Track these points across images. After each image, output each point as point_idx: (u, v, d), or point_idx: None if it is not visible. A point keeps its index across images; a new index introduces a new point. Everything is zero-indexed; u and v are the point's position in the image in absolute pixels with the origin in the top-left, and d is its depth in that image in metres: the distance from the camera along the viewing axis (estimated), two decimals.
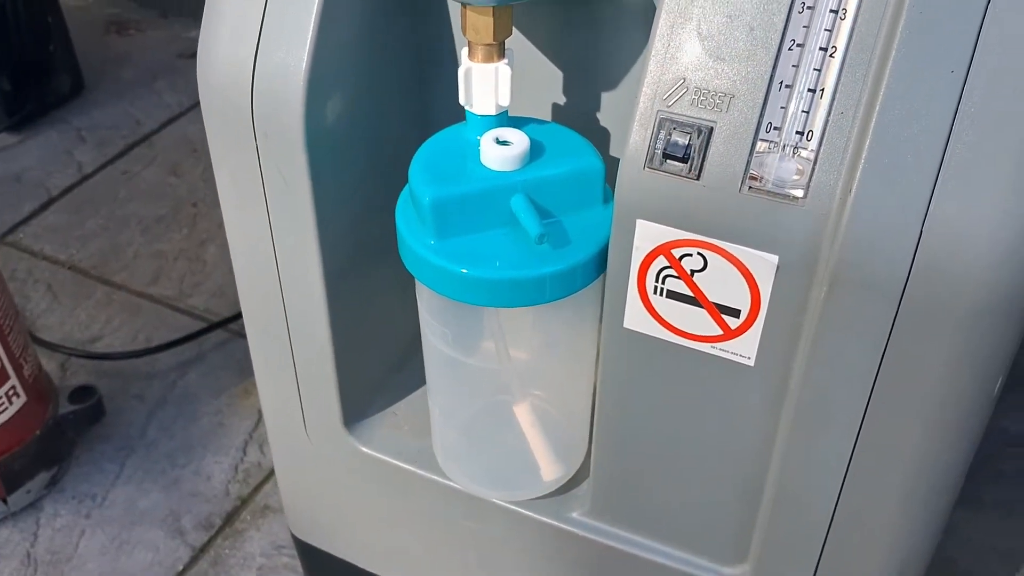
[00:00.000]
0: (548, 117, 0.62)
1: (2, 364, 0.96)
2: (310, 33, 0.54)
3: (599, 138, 0.60)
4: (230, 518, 1.04)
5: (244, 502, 1.05)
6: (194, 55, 1.82)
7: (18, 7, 1.52)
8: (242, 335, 1.25)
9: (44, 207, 1.45)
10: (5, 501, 1.01)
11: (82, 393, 1.08)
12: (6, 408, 0.98)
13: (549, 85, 0.60)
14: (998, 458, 1.08)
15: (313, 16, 0.53)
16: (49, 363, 1.17)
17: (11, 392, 0.98)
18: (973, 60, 0.43)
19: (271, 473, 1.08)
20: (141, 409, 1.15)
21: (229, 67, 0.56)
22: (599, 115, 0.61)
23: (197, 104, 1.80)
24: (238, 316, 1.24)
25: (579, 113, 0.60)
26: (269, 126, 0.56)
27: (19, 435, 1.00)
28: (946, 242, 0.44)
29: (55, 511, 1.05)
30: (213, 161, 0.61)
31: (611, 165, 0.55)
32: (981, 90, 0.43)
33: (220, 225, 1.40)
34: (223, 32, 0.56)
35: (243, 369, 1.19)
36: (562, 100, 0.61)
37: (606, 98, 0.60)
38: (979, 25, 0.42)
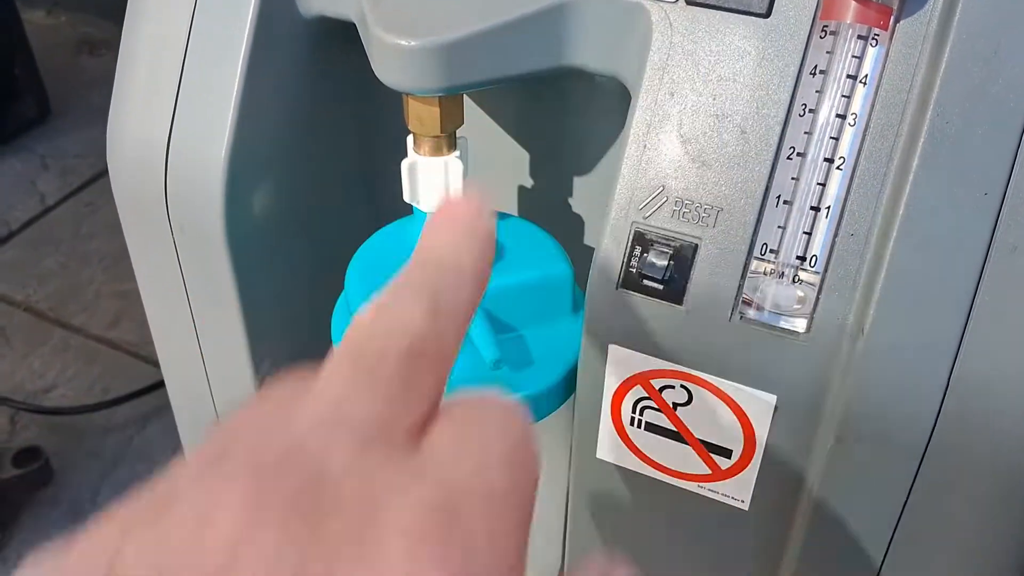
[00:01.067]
0: (513, 202, 0.54)
1: None
2: (230, 117, 0.46)
3: (570, 226, 0.53)
4: None
5: None
6: None
7: None
8: None
9: (2, 242, 1.38)
10: None
11: (27, 455, 1.01)
12: None
13: (514, 167, 0.53)
14: None
15: (233, 97, 0.46)
16: None
17: None
18: (1011, 179, 0.35)
19: None
20: (95, 467, 1.08)
21: (139, 152, 0.48)
22: (571, 200, 0.53)
23: None
24: None
25: (548, 198, 0.53)
26: (185, 221, 0.48)
27: None
28: (977, 391, 0.36)
29: None
30: (131, 251, 0.53)
31: (584, 255, 0.47)
32: (1020, 215, 0.35)
33: None
34: (133, 110, 0.49)
35: None
36: (529, 183, 0.53)
37: (579, 182, 0.52)
38: (1018, 138, 0.35)
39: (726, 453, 0.43)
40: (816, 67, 0.37)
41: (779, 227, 0.38)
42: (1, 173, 1.50)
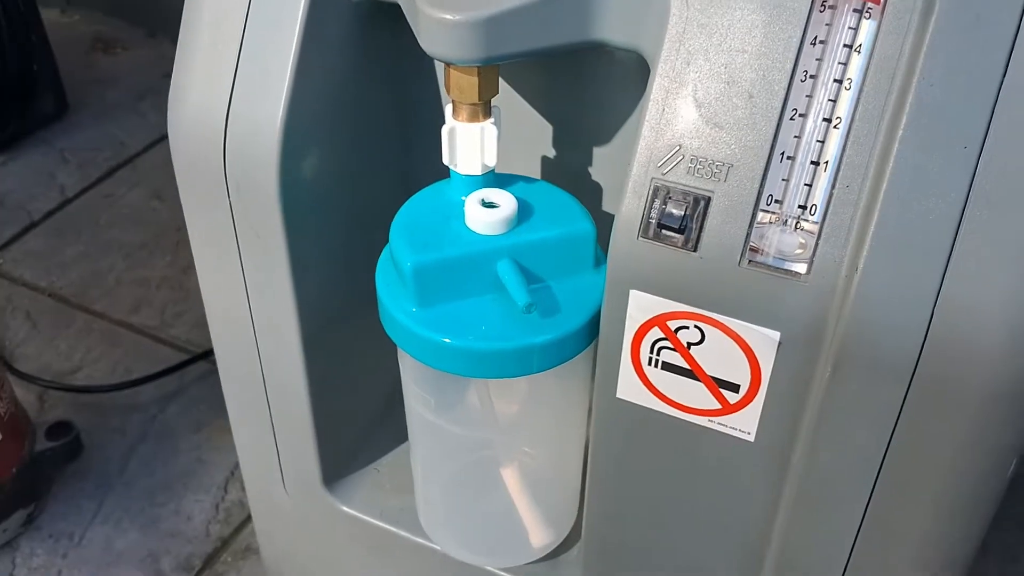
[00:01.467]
0: (537, 172, 0.59)
1: None
2: (286, 84, 0.51)
3: (591, 194, 0.58)
4: (210, 560, 1.01)
5: (225, 543, 1.02)
6: None
7: (1, 29, 1.49)
8: None
9: (25, 231, 1.42)
10: None
11: (60, 429, 1.05)
12: None
13: (538, 139, 0.58)
14: (1001, 503, 1.06)
15: (289, 68, 0.51)
16: (27, 395, 1.14)
17: None
18: (987, 136, 0.40)
19: None
20: (120, 444, 1.12)
21: (200, 117, 0.53)
22: (591, 170, 0.58)
23: None
24: None
25: (569, 168, 0.58)
26: (242, 181, 0.53)
27: None
28: (958, 324, 0.41)
29: (31, 550, 1.02)
30: (186, 214, 0.58)
31: (604, 221, 0.52)
32: (996, 167, 0.40)
33: None
34: (194, 82, 0.53)
35: (224, 403, 1.16)
36: (552, 154, 0.58)
37: (598, 153, 0.57)
38: (994, 99, 0.40)
39: (734, 388, 0.48)
40: (816, 37, 0.42)
41: (783, 180, 0.43)
42: (22, 166, 1.54)
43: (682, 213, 0.45)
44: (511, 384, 0.55)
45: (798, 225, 0.44)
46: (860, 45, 0.42)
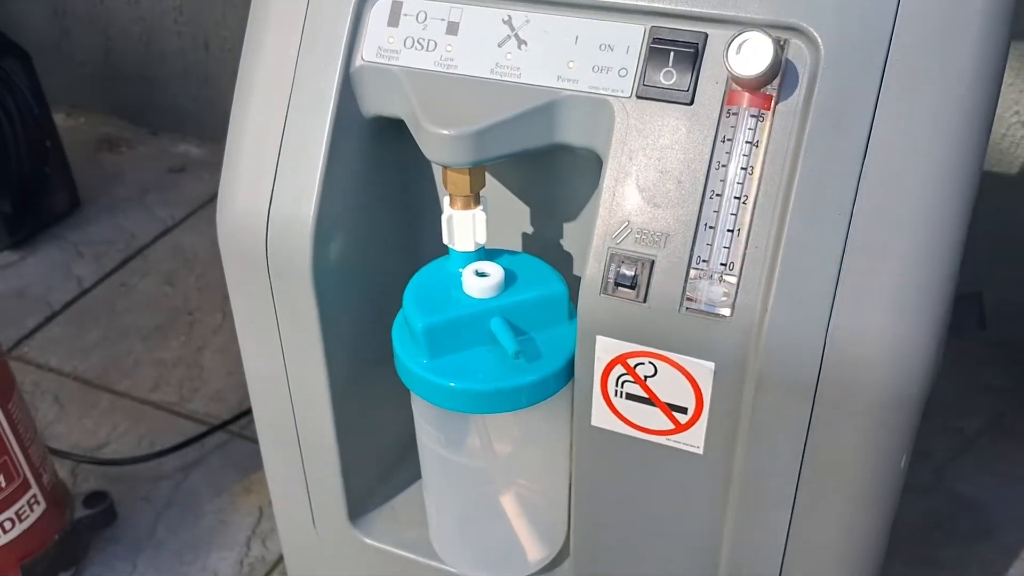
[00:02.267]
0: (519, 245, 0.72)
1: (25, 475, 1.04)
2: (316, 188, 0.64)
3: (563, 261, 0.71)
4: None
5: None
6: (183, 169, 1.91)
7: (16, 131, 1.62)
8: (241, 436, 1.33)
9: (47, 321, 1.54)
10: None
11: (95, 498, 1.15)
12: (28, 515, 1.05)
13: (519, 219, 0.71)
14: (954, 520, 1.17)
15: (319, 174, 0.64)
16: (60, 470, 1.24)
17: (32, 500, 1.05)
18: (855, 205, 0.53)
19: (275, 566, 1.15)
20: (149, 510, 1.22)
21: (246, 217, 0.66)
22: (562, 242, 0.71)
23: (188, 217, 1.89)
24: (238, 417, 1.32)
25: (545, 241, 0.71)
26: (281, 267, 0.66)
27: (40, 540, 1.07)
28: (845, 349, 0.54)
29: None
30: (230, 293, 0.70)
31: (574, 283, 0.65)
32: (862, 228, 0.53)
33: (215, 331, 1.50)
34: (241, 187, 0.66)
35: (244, 468, 1.27)
36: (530, 231, 0.71)
37: (567, 228, 0.70)
38: (858, 176, 0.53)
39: (684, 410, 0.60)
40: (725, 136, 0.56)
41: (708, 244, 0.56)
42: (40, 261, 1.66)
43: (633, 273, 0.57)
44: (505, 420, 0.67)
45: (722, 279, 0.57)
46: (758, 140, 0.55)
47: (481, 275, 0.63)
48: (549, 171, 0.68)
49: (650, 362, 0.59)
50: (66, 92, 1.97)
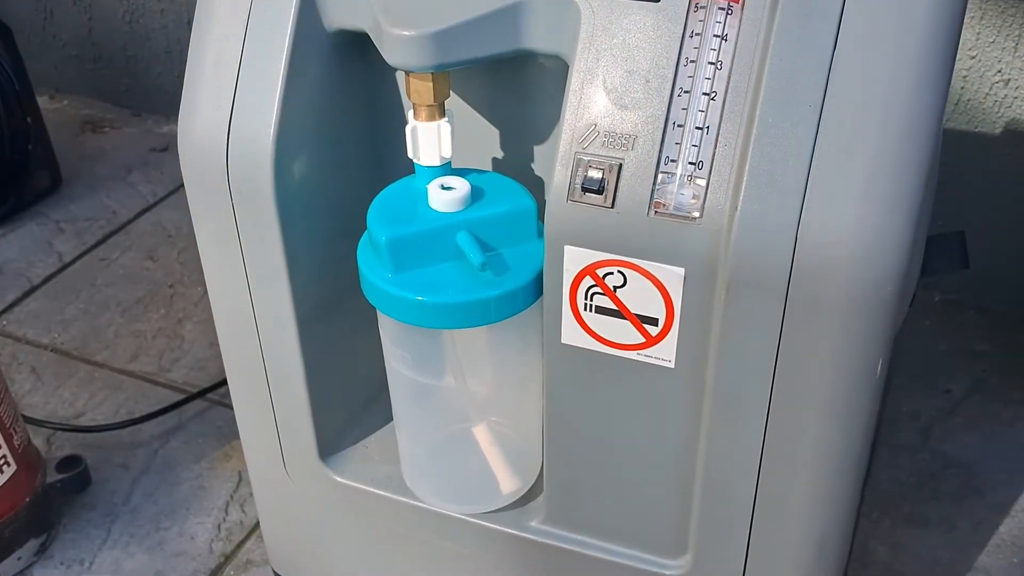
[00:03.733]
0: (487, 168, 0.70)
1: None
2: (276, 103, 0.62)
3: (532, 183, 0.69)
4: (214, 574, 1.09)
5: (227, 558, 1.10)
6: (166, 149, 1.89)
7: None
8: (222, 404, 1.31)
9: (26, 295, 1.52)
10: None
11: (68, 463, 1.13)
12: None
13: (486, 141, 0.69)
14: (940, 479, 1.16)
15: (279, 89, 0.62)
16: (35, 438, 1.22)
17: (1, 461, 1.03)
18: (825, 98, 0.52)
19: (252, 530, 1.13)
20: (125, 477, 1.20)
21: (206, 135, 0.64)
22: (532, 164, 0.69)
23: (171, 194, 1.88)
24: (218, 385, 1.30)
25: (513, 163, 0.69)
26: (243, 186, 0.64)
27: (10, 503, 1.05)
28: (817, 246, 0.53)
29: None
30: (194, 220, 0.69)
31: (543, 206, 0.63)
32: (833, 122, 0.52)
33: (196, 304, 1.48)
34: (200, 104, 0.65)
35: (223, 435, 1.25)
36: (499, 154, 0.70)
37: (536, 150, 0.69)
38: (828, 69, 0.52)
39: (654, 322, 0.59)
40: (693, 31, 0.54)
41: (676, 144, 0.55)
42: (20, 237, 1.64)
43: (600, 177, 0.56)
44: (474, 343, 0.66)
45: (691, 180, 0.55)
46: (727, 34, 0.54)
47: (447, 188, 0.62)
48: (515, 88, 0.66)
49: (619, 271, 0.57)
50: (49, 74, 1.96)
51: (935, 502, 1.12)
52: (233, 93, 0.63)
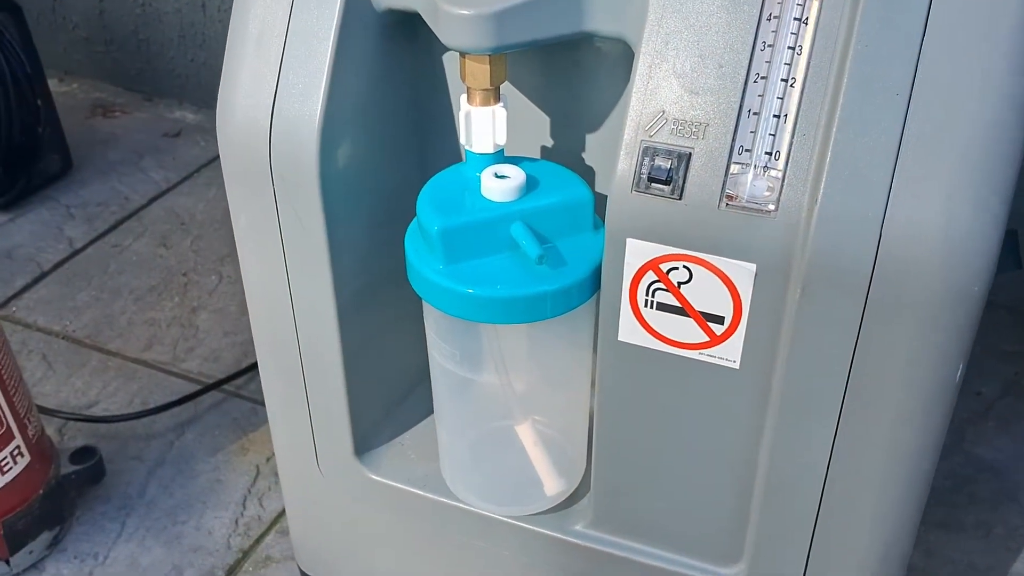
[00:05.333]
0: (538, 156, 0.68)
1: (7, 424, 0.99)
2: (323, 86, 0.59)
3: (585, 175, 0.66)
4: (232, 570, 1.06)
5: (246, 554, 1.08)
6: (178, 134, 1.86)
7: (8, 92, 1.58)
8: (238, 395, 1.28)
9: (36, 281, 1.49)
10: (7, 562, 1.03)
11: (83, 454, 1.10)
12: (10, 468, 1.00)
13: (539, 129, 0.66)
14: (974, 483, 1.13)
15: (326, 70, 0.59)
16: (47, 428, 1.19)
17: (16, 452, 1.00)
18: (914, 85, 0.49)
19: (271, 525, 1.10)
20: (140, 469, 1.17)
21: (248, 116, 0.61)
22: (584, 155, 0.66)
23: (184, 180, 1.85)
24: (235, 376, 1.27)
25: (567, 153, 0.66)
26: (286, 170, 0.61)
27: (23, 495, 1.02)
28: (902, 242, 0.50)
29: (57, 571, 1.06)
30: (231, 205, 0.66)
31: (597, 199, 0.61)
32: (922, 110, 0.49)
33: (211, 293, 1.45)
34: (242, 84, 0.62)
35: (240, 427, 1.22)
36: (550, 143, 0.67)
37: (589, 139, 0.66)
38: (917, 55, 0.49)
39: (719, 320, 0.56)
40: (771, 14, 0.52)
41: (751, 132, 0.52)
42: (30, 222, 1.61)
43: (668, 166, 0.53)
44: (521, 340, 0.63)
45: (766, 171, 0.52)
46: (807, 18, 0.51)
47: (501, 177, 0.59)
48: (571, 75, 0.63)
49: (684, 266, 0.55)
50: (59, 57, 1.93)
51: (970, 506, 1.10)
52: (277, 74, 0.61)
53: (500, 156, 0.60)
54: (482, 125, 0.58)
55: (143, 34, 1.85)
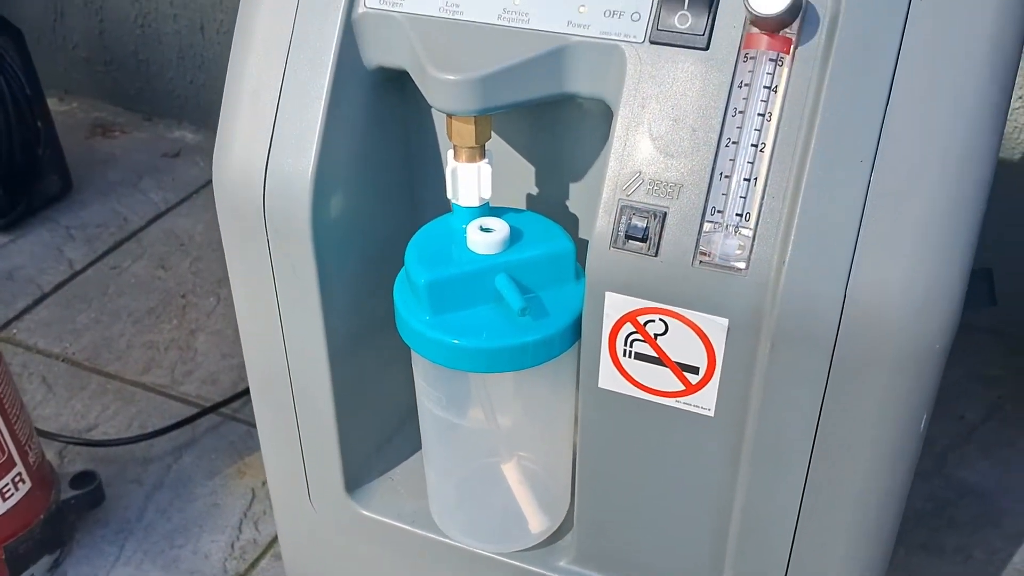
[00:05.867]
0: (523, 207, 0.70)
1: (9, 452, 1.01)
2: (316, 141, 0.62)
3: (568, 223, 0.69)
4: None
5: None
6: (178, 154, 1.89)
7: (9, 114, 1.60)
8: (235, 418, 1.30)
9: (36, 303, 1.51)
10: None
11: (83, 479, 1.12)
12: (12, 494, 1.02)
13: (523, 179, 0.69)
14: (955, 506, 1.16)
15: (318, 126, 0.62)
16: (47, 451, 1.21)
17: (17, 479, 1.03)
18: (877, 151, 0.51)
19: (267, 549, 1.12)
20: (138, 493, 1.19)
21: (243, 169, 0.64)
22: (568, 203, 0.69)
23: (183, 201, 1.87)
24: (231, 399, 1.29)
25: (550, 202, 0.69)
26: (279, 222, 0.63)
27: (24, 520, 1.04)
28: (867, 300, 0.52)
29: None
30: (226, 251, 0.68)
31: (579, 246, 0.63)
32: (885, 175, 0.51)
33: (209, 315, 1.47)
34: (238, 137, 0.64)
35: (236, 451, 1.24)
36: (535, 191, 0.69)
37: (573, 188, 0.68)
38: (880, 124, 0.51)
39: (694, 370, 0.58)
40: (742, 82, 0.54)
41: (723, 194, 0.54)
42: (30, 243, 1.63)
43: (644, 225, 0.55)
44: (507, 385, 0.65)
45: (737, 230, 0.55)
46: (776, 86, 0.53)
47: (486, 230, 0.61)
48: (554, 128, 0.66)
49: (660, 319, 0.57)
50: (59, 76, 1.95)
51: (950, 530, 1.12)
52: (272, 128, 0.63)
53: (485, 208, 0.63)
54: (468, 180, 0.61)
55: (142, 54, 1.87)
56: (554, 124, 0.66)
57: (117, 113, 1.96)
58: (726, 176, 0.54)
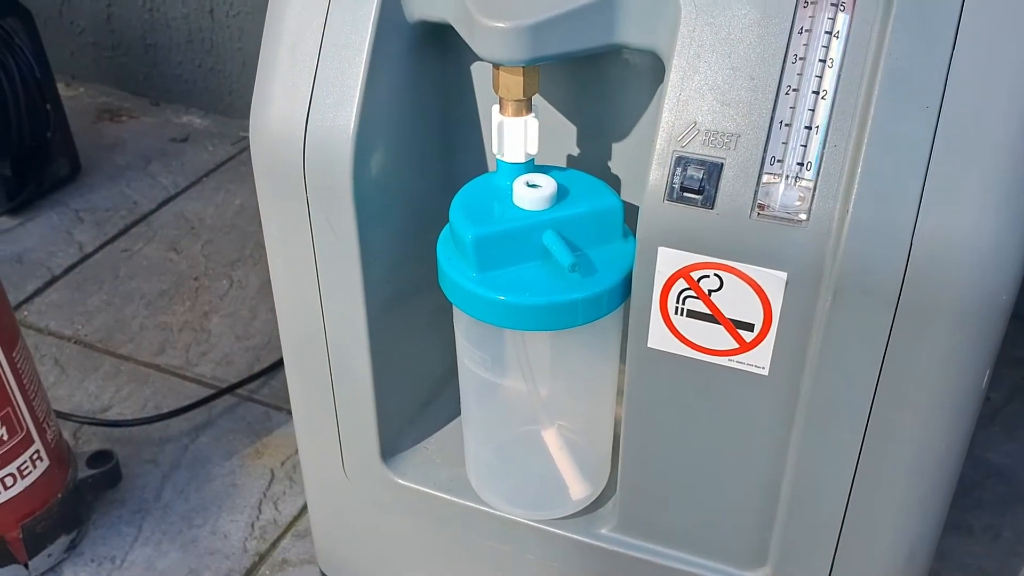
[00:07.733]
0: (565, 166, 0.68)
1: (27, 429, 0.99)
2: (357, 96, 0.60)
3: (612, 184, 0.67)
4: (249, 573, 1.07)
5: (262, 557, 1.08)
6: (186, 139, 1.87)
7: (18, 96, 1.58)
8: (251, 399, 1.29)
9: (47, 285, 1.49)
10: (26, 565, 1.03)
11: (100, 458, 1.11)
12: (30, 472, 1.01)
13: (566, 140, 0.67)
14: (982, 487, 1.14)
15: (360, 82, 0.60)
16: (63, 432, 1.20)
17: (35, 456, 1.01)
18: (944, 97, 0.50)
19: (287, 528, 1.11)
20: (155, 473, 1.18)
21: (282, 126, 0.62)
22: (611, 164, 0.67)
23: (192, 184, 1.85)
24: (248, 380, 1.28)
25: (594, 163, 0.67)
26: (320, 179, 0.62)
27: (42, 498, 1.03)
28: (933, 251, 0.51)
29: (75, 574, 1.07)
30: (262, 212, 0.67)
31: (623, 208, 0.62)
32: (952, 122, 0.50)
33: (222, 297, 1.46)
34: (276, 94, 0.62)
35: (254, 431, 1.23)
36: (578, 152, 0.68)
37: (616, 149, 0.67)
38: (947, 68, 0.50)
39: (749, 327, 0.57)
40: (802, 27, 0.53)
41: (783, 143, 0.53)
42: (40, 226, 1.62)
43: (700, 176, 0.54)
44: (549, 346, 0.64)
45: (797, 181, 0.53)
46: (838, 31, 0.52)
47: (533, 186, 0.60)
48: (599, 87, 0.64)
49: (716, 274, 0.56)
50: (66, 61, 1.93)
51: (978, 510, 1.11)
52: (312, 84, 0.61)
53: (531, 165, 0.61)
54: (514, 135, 0.59)
55: (151, 39, 1.85)
56: (599, 82, 0.64)
57: (124, 98, 1.94)
58: (786, 125, 0.53)
